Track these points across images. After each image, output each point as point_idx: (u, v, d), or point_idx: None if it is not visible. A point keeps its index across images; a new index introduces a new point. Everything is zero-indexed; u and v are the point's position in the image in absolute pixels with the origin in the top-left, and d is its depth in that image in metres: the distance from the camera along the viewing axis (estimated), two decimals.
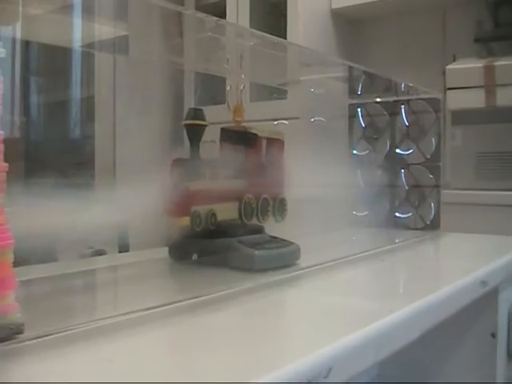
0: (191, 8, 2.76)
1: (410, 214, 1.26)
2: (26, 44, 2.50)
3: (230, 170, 0.80)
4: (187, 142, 0.79)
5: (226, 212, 0.79)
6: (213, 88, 2.57)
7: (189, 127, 0.78)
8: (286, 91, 2.16)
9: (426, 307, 0.62)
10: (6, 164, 0.44)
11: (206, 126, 0.78)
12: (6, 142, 0.44)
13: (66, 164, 2.49)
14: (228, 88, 2.76)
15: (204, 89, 2.69)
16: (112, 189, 0.71)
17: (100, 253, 1.67)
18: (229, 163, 0.81)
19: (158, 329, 0.53)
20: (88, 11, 0.70)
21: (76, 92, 2.77)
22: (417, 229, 1.25)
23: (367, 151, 1.29)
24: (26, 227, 0.53)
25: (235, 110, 0.86)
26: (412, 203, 1.25)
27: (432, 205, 1.24)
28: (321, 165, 1.01)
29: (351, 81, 1.27)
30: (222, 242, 0.76)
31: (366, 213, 1.29)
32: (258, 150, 0.84)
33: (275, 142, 0.88)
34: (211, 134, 0.84)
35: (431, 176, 1.24)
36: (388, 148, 1.28)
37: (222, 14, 2.57)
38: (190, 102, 2.71)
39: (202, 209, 0.74)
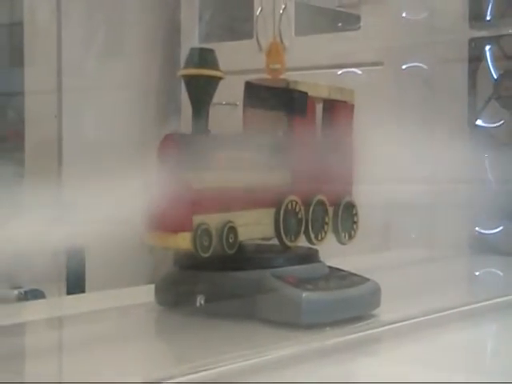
0: None
1: None
2: None
3: (260, 155, 0.81)
4: (188, 106, 0.80)
5: (253, 225, 0.80)
6: (231, 11, 2.58)
7: (190, 81, 0.80)
8: (357, 17, 2.17)
9: None
10: None
11: (220, 78, 0.80)
12: None
13: None
14: (258, 11, 2.81)
15: (216, 12, 2.70)
16: (55, 183, 0.72)
17: (34, 295, 1.70)
18: (259, 143, 0.83)
19: None
20: None
21: None
22: None
23: (502, 121, 1.28)
24: None
25: (270, 49, 0.88)
26: None
27: None
28: (420, 145, 1.03)
29: None
30: (246, 276, 0.78)
31: (501, 229, 1.29)
32: (308, 120, 0.86)
33: (339, 107, 0.90)
34: (230, 93, 0.86)
35: None
36: None
37: None
38: (191, 36, 2.72)
39: (212, 219, 0.75)
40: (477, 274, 1.25)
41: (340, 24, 2.30)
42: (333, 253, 0.87)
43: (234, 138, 0.83)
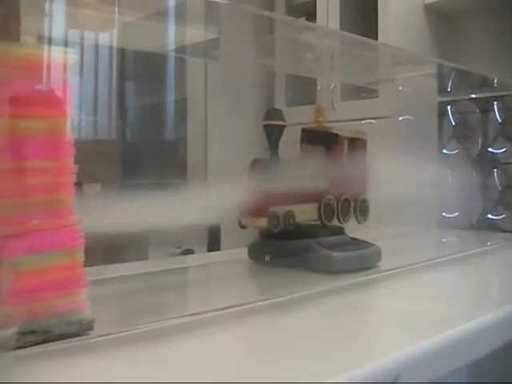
0: (282, 8, 2.76)
1: (503, 216, 1.21)
2: (122, 50, 2.59)
3: (309, 171, 0.79)
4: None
5: (305, 213, 0.78)
6: (304, 89, 2.56)
7: (267, 128, 0.77)
8: (376, 90, 2.13)
9: (502, 319, 0.59)
10: (76, 166, 0.45)
11: (284, 126, 0.77)
12: (103, 144, 0.46)
13: (160, 165, 2.56)
14: (319, 87, 2.75)
15: (295, 89, 2.68)
16: (203, 189, 0.72)
17: (188, 252, 1.71)
18: (309, 163, 0.81)
19: (235, 328, 0.53)
20: (179, 17, 0.71)
21: (169, 95, 2.83)
22: (510, 231, 1.19)
23: (457, 150, 1.25)
24: (120, 226, 0.54)
25: (316, 110, 0.85)
26: (506, 204, 1.20)
27: None
28: (409, 164, 0.99)
29: (441, 78, 1.23)
30: (300, 243, 0.75)
31: (457, 214, 1.25)
32: (338, 149, 0.83)
33: (357, 142, 0.86)
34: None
35: None
36: (480, 147, 1.23)
37: (312, 13, 2.56)
38: (280, 103, 2.71)
39: (280, 210, 0.73)
40: (443, 240, 1.21)
41: (363, 94, 2.27)
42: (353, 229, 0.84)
43: (294, 161, 0.80)
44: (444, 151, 1.26)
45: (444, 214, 1.26)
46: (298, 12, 2.63)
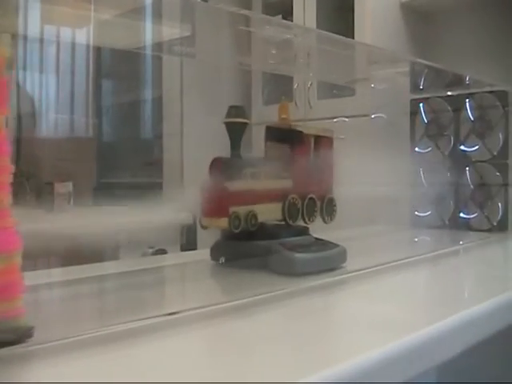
0: (259, 6, 2.75)
1: (475, 215, 1.20)
2: (98, 48, 2.57)
3: (273, 169, 0.77)
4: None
5: (268, 213, 0.76)
6: (281, 87, 2.55)
7: (229, 125, 0.75)
8: (353, 89, 2.12)
9: (470, 319, 0.57)
10: (12, 166, 0.43)
11: (246, 124, 0.75)
12: (80, 141, 0.44)
13: (136, 163, 2.54)
14: (295, 85, 2.74)
15: (272, 88, 2.67)
16: (179, 188, 0.71)
17: (161, 252, 1.69)
18: (272, 162, 0.79)
19: (197, 330, 0.52)
20: (154, 14, 0.70)
21: (145, 93, 2.81)
22: (482, 230, 1.19)
23: (430, 148, 1.24)
24: (92, 226, 0.53)
25: (280, 107, 0.83)
26: (477, 203, 1.19)
27: (499, 205, 1.17)
28: (381, 163, 0.98)
29: (413, 76, 1.22)
30: (262, 244, 0.73)
31: (429, 213, 1.24)
32: (303, 147, 0.81)
33: (323, 140, 0.84)
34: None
35: (498, 174, 1.17)
36: (452, 145, 1.22)
37: (289, 11, 2.55)
38: (258, 101, 2.70)
39: (241, 209, 0.71)
40: (415, 239, 1.21)
41: (334, 91, 2.27)
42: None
43: (256, 160, 0.79)
44: (416, 149, 1.25)
45: (417, 212, 1.25)
46: (274, 10, 2.62)
